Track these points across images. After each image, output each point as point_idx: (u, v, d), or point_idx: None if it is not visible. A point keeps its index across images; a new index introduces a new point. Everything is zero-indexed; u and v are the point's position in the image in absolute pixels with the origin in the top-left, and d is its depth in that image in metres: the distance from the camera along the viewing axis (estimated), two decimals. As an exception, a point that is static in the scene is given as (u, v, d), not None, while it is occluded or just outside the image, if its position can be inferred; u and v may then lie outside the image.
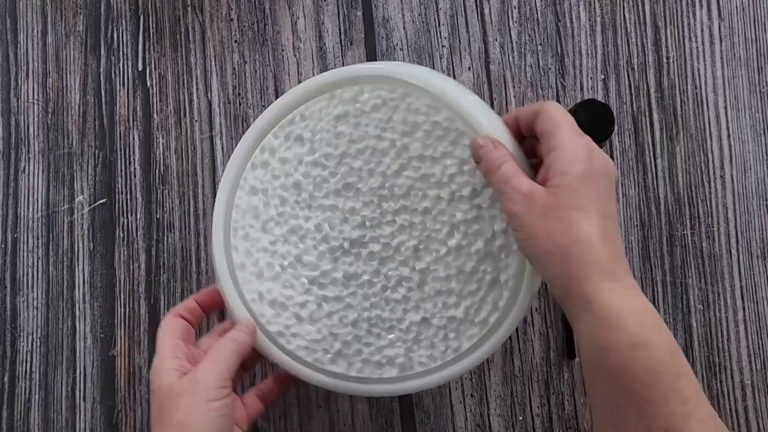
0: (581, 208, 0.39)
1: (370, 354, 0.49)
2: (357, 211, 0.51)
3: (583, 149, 0.41)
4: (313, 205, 0.51)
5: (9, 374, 0.58)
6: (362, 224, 0.50)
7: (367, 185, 0.50)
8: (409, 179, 0.49)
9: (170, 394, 0.43)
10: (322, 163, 0.51)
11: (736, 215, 0.58)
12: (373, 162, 0.50)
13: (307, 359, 0.49)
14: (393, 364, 0.49)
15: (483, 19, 0.60)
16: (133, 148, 0.60)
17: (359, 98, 0.50)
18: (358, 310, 0.50)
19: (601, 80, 0.59)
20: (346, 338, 0.50)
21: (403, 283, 0.50)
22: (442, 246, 0.49)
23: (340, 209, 0.51)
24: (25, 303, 0.58)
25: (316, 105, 0.51)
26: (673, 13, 0.60)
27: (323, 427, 0.57)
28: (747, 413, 0.56)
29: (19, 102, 0.60)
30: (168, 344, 0.46)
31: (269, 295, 0.50)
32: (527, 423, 0.56)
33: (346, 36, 0.60)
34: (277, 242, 0.51)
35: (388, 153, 0.50)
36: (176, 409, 0.42)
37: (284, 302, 0.50)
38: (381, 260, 0.50)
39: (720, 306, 0.57)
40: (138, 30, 0.61)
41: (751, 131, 0.59)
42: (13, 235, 0.59)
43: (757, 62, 0.59)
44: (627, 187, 0.58)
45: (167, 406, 0.42)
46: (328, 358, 0.49)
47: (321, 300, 0.50)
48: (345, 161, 0.50)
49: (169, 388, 0.43)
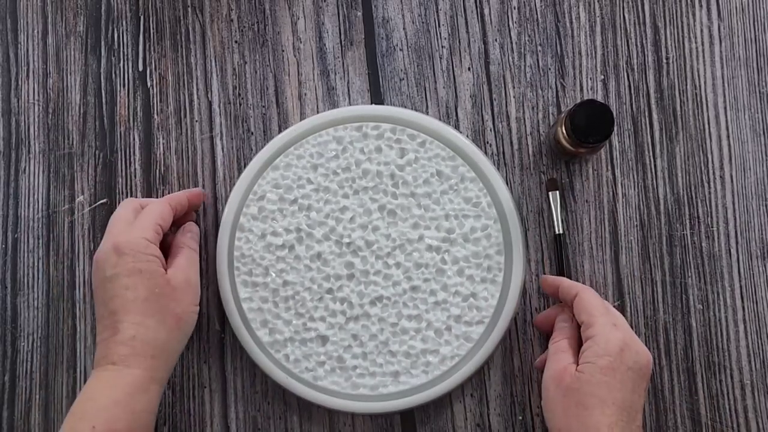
0: (599, 398, 0.43)
1: (364, 372, 0.54)
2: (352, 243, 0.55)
3: (616, 344, 0.45)
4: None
5: (9, 374, 0.58)
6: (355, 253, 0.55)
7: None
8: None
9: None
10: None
11: (736, 215, 0.58)
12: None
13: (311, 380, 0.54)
14: (388, 383, 0.54)
15: (483, 20, 0.60)
16: (134, 149, 0.60)
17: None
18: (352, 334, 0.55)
19: (600, 80, 0.59)
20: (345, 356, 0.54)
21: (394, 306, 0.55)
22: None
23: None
24: (25, 303, 0.58)
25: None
26: (672, 14, 0.60)
27: (323, 428, 0.57)
28: (746, 413, 0.56)
29: (20, 102, 0.60)
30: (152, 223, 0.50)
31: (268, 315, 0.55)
32: (527, 423, 0.57)
33: (346, 36, 0.60)
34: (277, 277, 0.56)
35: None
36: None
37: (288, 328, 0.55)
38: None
39: (720, 306, 0.57)
40: (138, 30, 0.61)
41: (751, 131, 0.59)
42: (13, 235, 0.59)
43: (757, 62, 0.59)
44: (627, 187, 0.58)
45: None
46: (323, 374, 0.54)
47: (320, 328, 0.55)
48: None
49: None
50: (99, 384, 0.45)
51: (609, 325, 0.46)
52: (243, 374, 0.57)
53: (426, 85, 0.59)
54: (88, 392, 0.45)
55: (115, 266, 0.47)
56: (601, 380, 0.44)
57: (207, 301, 0.58)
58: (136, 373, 0.45)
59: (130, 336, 0.46)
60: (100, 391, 0.45)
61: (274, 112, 0.60)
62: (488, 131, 0.59)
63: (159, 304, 0.47)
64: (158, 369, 0.46)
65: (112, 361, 0.45)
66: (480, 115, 0.59)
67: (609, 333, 0.45)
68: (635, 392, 0.44)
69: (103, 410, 0.44)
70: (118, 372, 0.45)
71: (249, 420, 0.57)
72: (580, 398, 0.44)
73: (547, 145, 0.58)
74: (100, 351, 0.47)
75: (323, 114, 0.57)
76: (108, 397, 0.44)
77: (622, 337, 0.45)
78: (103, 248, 0.49)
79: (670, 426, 0.56)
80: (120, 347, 0.46)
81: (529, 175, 0.58)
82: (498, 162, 0.59)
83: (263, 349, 0.55)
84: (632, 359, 0.45)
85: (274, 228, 0.55)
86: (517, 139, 0.59)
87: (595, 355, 0.45)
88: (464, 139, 0.56)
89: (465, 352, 0.54)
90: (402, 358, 0.54)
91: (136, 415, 0.45)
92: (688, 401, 0.57)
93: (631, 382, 0.44)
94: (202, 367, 0.58)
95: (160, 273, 0.48)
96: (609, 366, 0.44)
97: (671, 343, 0.57)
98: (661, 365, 0.57)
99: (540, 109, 0.59)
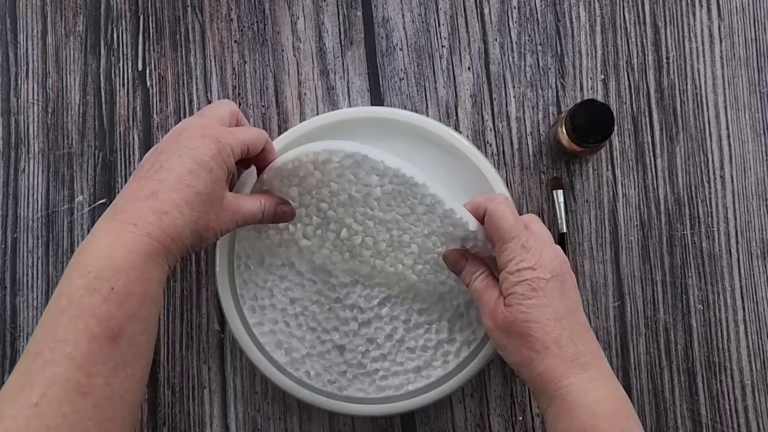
0: (535, 321, 0.45)
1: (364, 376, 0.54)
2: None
3: (528, 265, 0.46)
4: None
5: (9, 374, 0.58)
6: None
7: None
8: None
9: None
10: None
11: (736, 215, 0.58)
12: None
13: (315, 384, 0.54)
14: (389, 387, 0.54)
15: (483, 19, 0.60)
16: (133, 148, 0.60)
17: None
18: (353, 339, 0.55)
19: (601, 80, 0.59)
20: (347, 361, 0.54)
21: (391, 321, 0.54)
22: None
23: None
24: (25, 303, 0.58)
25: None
26: (673, 13, 0.60)
27: (323, 428, 0.57)
28: (747, 413, 0.56)
29: (19, 102, 0.60)
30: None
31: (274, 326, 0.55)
32: (527, 423, 0.56)
33: (346, 36, 0.60)
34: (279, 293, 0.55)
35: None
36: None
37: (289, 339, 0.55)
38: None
39: (720, 306, 0.57)
40: (138, 30, 0.61)
41: (751, 131, 0.59)
42: (13, 235, 0.59)
43: (757, 62, 0.59)
44: (627, 187, 0.58)
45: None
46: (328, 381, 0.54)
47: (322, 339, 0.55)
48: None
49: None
50: (116, 242, 0.41)
51: (517, 249, 0.46)
52: (243, 374, 0.57)
53: (426, 84, 0.59)
54: (102, 248, 0.41)
55: (194, 147, 0.45)
56: (529, 305, 0.45)
57: (206, 301, 0.58)
58: (155, 245, 0.42)
59: (164, 210, 0.42)
60: (117, 251, 0.41)
61: (273, 111, 0.60)
62: (488, 131, 0.59)
63: (204, 207, 0.45)
64: (172, 254, 0.44)
65: (133, 221, 0.42)
66: (480, 114, 0.59)
67: (519, 257, 0.46)
68: (564, 297, 0.46)
69: (122, 272, 0.40)
70: (136, 235, 0.41)
71: (249, 420, 0.57)
72: (519, 330, 0.45)
73: (547, 144, 0.58)
74: (123, 204, 0.43)
75: (322, 116, 0.56)
76: (127, 260, 0.41)
77: (532, 256, 0.46)
78: (194, 122, 0.47)
79: (671, 426, 0.56)
80: (149, 214, 0.42)
81: (529, 174, 0.58)
82: (498, 162, 0.59)
83: (282, 370, 0.54)
84: (548, 271, 0.46)
85: (271, 247, 0.54)
86: (517, 138, 0.59)
87: (514, 284, 0.46)
88: (463, 140, 0.55)
89: (483, 334, 0.54)
90: (421, 352, 0.54)
91: (151, 284, 0.42)
92: (688, 401, 0.56)
93: (556, 291, 0.46)
94: (201, 367, 0.58)
95: (223, 185, 0.46)
96: (529, 288, 0.45)
97: (671, 344, 0.57)
98: (661, 365, 0.57)
99: (540, 108, 0.59)
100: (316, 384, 0.53)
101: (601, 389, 0.44)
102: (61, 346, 0.38)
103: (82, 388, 0.38)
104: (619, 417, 0.43)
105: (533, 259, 0.46)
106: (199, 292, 0.58)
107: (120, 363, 0.39)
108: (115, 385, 0.39)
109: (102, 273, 0.40)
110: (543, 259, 0.46)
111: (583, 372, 0.44)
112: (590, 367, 0.44)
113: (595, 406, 0.43)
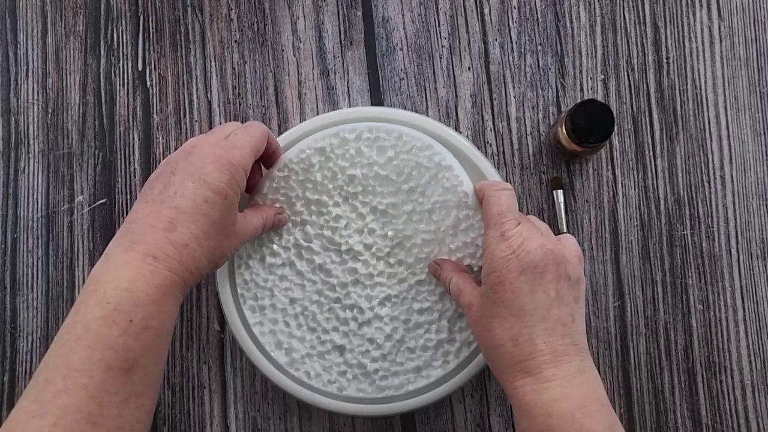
0: (498, 315, 0.44)
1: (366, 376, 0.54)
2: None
3: (500, 255, 0.44)
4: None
5: (9, 374, 0.58)
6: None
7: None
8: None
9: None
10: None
11: (736, 215, 0.58)
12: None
13: (318, 386, 0.54)
14: (389, 387, 0.54)
15: (483, 19, 0.60)
16: (133, 148, 0.60)
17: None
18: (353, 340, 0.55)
19: (601, 80, 0.59)
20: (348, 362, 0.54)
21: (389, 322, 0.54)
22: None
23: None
24: (25, 303, 0.58)
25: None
26: (673, 13, 0.60)
27: (323, 428, 0.57)
28: (747, 413, 0.56)
29: (19, 102, 0.60)
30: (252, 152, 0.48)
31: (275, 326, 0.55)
32: (527, 423, 0.56)
33: (346, 36, 0.60)
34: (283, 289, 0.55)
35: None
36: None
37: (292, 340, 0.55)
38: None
39: (720, 306, 0.57)
40: (138, 30, 0.61)
41: (751, 131, 0.59)
42: (13, 235, 0.59)
43: (757, 62, 0.59)
44: (627, 187, 0.58)
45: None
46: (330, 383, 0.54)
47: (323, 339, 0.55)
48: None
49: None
50: (136, 275, 0.42)
51: (496, 237, 0.45)
52: (243, 375, 0.57)
53: (426, 84, 0.59)
54: (122, 278, 0.41)
55: (207, 173, 0.45)
56: (494, 298, 0.44)
57: (206, 301, 0.58)
58: (175, 279, 0.43)
59: (184, 243, 0.43)
60: (137, 284, 0.41)
61: (273, 111, 0.60)
62: (488, 131, 0.59)
63: (219, 235, 0.45)
64: (188, 285, 0.44)
65: (153, 254, 0.42)
66: (480, 114, 0.59)
67: (494, 246, 0.44)
68: (535, 291, 0.43)
69: (141, 306, 0.41)
70: (156, 269, 0.42)
71: (249, 420, 0.57)
72: (485, 324, 0.45)
73: (547, 144, 0.58)
74: (140, 234, 0.43)
75: (322, 116, 0.56)
76: (146, 294, 0.41)
77: (507, 246, 0.44)
78: (204, 140, 0.46)
79: (671, 426, 0.56)
80: (169, 247, 0.43)
81: (529, 174, 0.58)
82: (498, 162, 0.59)
83: (282, 370, 0.54)
84: (521, 264, 0.43)
85: (272, 248, 0.54)
86: (517, 138, 0.59)
87: (485, 275, 0.45)
88: (463, 140, 0.55)
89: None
90: (421, 352, 0.54)
91: (167, 317, 0.42)
92: (688, 402, 0.57)
93: (526, 286, 0.43)
94: (201, 367, 0.58)
95: (236, 209, 0.47)
96: (497, 281, 0.44)
97: (671, 344, 0.57)
98: (661, 365, 0.57)
99: (540, 108, 0.59)
100: (316, 384, 0.53)
101: (557, 389, 0.42)
102: (74, 375, 0.38)
103: (94, 419, 0.38)
104: (578, 415, 0.41)
105: (508, 250, 0.44)
106: (199, 292, 0.58)
107: (132, 394, 0.40)
108: (127, 415, 0.40)
109: (122, 305, 0.40)
110: (522, 251, 0.44)
111: (538, 371, 0.43)
112: (548, 366, 0.43)
113: (549, 406, 0.42)
